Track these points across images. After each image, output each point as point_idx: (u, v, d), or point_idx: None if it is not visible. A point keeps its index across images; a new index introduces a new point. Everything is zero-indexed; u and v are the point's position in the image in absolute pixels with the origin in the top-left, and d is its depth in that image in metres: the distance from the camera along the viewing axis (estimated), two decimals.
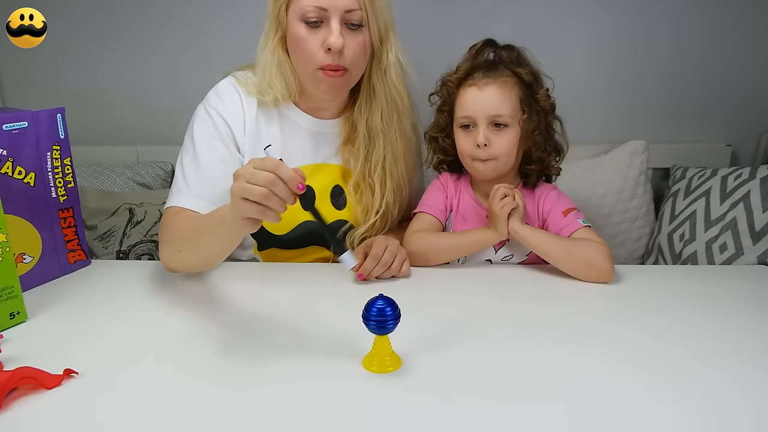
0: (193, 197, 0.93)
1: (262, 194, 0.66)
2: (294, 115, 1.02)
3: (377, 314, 0.65)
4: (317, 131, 1.03)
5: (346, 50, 0.91)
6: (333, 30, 0.89)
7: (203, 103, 1.00)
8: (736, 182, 1.29)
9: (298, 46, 0.92)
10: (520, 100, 0.98)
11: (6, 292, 0.78)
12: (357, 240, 1.02)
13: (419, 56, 1.06)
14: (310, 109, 1.02)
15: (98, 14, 1.51)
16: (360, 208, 1.03)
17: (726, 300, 0.88)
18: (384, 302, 0.65)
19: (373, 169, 1.02)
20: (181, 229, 0.89)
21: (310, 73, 0.94)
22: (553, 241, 0.96)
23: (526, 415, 0.60)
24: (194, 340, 0.75)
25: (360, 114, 1.01)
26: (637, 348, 0.73)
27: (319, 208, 0.77)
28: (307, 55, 0.92)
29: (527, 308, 0.86)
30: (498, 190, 0.97)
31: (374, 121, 1.01)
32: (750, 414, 0.60)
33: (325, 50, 0.91)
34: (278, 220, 0.68)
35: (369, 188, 1.03)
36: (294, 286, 0.94)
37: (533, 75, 1.00)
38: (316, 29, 0.91)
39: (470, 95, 0.98)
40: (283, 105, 1.00)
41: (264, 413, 0.61)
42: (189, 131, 0.99)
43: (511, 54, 1.00)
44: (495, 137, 0.98)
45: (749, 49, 1.48)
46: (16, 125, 0.88)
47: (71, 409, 0.61)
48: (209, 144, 0.97)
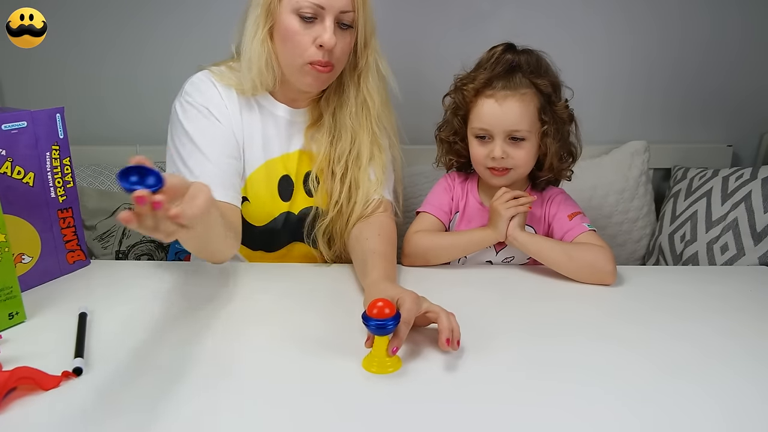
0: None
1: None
2: (271, 106, 1.03)
3: (377, 315, 0.64)
4: (291, 120, 1.04)
5: (336, 48, 0.93)
6: (327, 29, 0.91)
7: (181, 96, 0.99)
8: (738, 183, 1.29)
9: (289, 39, 0.93)
10: (538, 111, 0.96)
11: (5, 292, 0.77)
12: (320, 232, 1.01)
13: (420, 56, 1.06)
14: (287, 100, 1.04)
15: (98, 14, 1.51)
16: (323, 194, 1.03)
17: (729, 300, 0.88)
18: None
19: (337, 159, 1.02)
20: None
21: (298, 66, 0.94)
22: (553, 246, 0.96)
23: (527, 416, 0.60)
24: (193, 341, 0.75)
25: (327, 104, 1.03)
26: (641, 347, 0.73)
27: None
28: (298, 48, 0.93)
29: (528, 309, 0.86)
30: (507, 192, 0.97)
31: (341, 116, 1.02)
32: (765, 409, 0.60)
33: (317, 47, 0.92)
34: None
35: (332, 175, 1.02)
36: (294, 287, 0.94)
37: (552, 86, 0.97)
38: (309, 24, 0.92)
39: (488, 108, 0.96)
40: (260, 95, 1.01)
41: (264, 413, 0.60)
42: (175, 128, 0.98)
43: (530, 59, 0.97)
44: (512, 150, 0.96)
45: (751, 50, 1.48)
46: (15, 125, 0.87)
47: (70, 409, 0.61)
48: (206, 131, 0.97)
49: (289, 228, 1.05)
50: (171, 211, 0.59)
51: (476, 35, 1.04)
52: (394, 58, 1.06)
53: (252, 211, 1.01)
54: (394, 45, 1.06)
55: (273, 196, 1.02)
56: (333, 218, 1.02)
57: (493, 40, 1.02)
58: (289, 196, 1.03)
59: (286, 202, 1.03)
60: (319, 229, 1.02)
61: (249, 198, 1.01)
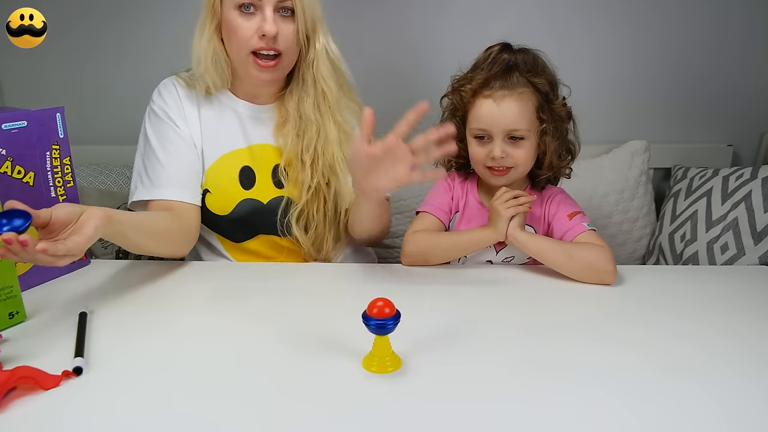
0: (154, 189, 1.01)
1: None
2: (231, 102, 1.07)
3: (377, 314, 0.64)
4: (253, 116, 1.08)
5: (279, 36, 0.97)
6: (267, 18, 0.95)
7: (149, 104, 1.07)
8: (738, 182, 1.29)
9: (232, 32, 0.97)
10: (536, 109, 0.96)
11: (5, 292, 0.77)
12: (294, 218, 1.05)
13: (420, 56, 1.06)
14: (248, 96, 1.07)
15: (98, 14, 1.51)
16: (294, 185, 1.06)
17: (729, 300, 0.88)
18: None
19: (305, 148, 1.05)
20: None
21: (243, 58, 0.99)
22: (553, 246, 0.96)
23: (527, 415, 0.60)
24: (193, 340, 0.75)
25: (290, 98, 1.06)
26: (641, 347, 0.73)
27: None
28: (242, 40, 0.97)
29: (529, 308, 0.86)
30: (507, 192, 0.97)
31: (305, 108, 1.05)
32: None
33: (259, 36, 0.96)
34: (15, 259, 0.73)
35: (301, 164, 1.05)
36: (294, 287, 0.94)
37: (550, 84, 0.97)
38: (250, 16, 0.96)
39: (486, 108, 0.96)
40: (221, 93, 1.06)
41: (264, 413, 0.60)
42: (141, 132, 1.06)
43: (526, 58, 0.97)
44: (511, 149, 0.96)
45: (751, 50, 1.48)
46: (15, 124, 0.87)
47: (69, 409, 0.61)
48: (162, 135, 1.03)
49: (257, 218, 1.06)
50: (38, 246, 0.69)
51: (476, 36, 1.04)
52: (392, 59, 1.06)
53: (214, 200, 1.05)
54: (392, 46, 1.06)
55: (234, 184, 1.05)
56: (308, 201, 1.04)
57: (493, 41, 1.02)
58: (250, 185, 1.06)
59: (248, 190, 1.06)
60: (293, 215, 1.05)
61: (210, 189, 1.05)
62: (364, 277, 1.00)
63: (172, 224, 0.99)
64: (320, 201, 1.05)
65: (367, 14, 1.42)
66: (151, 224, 0.96)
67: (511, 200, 0.95)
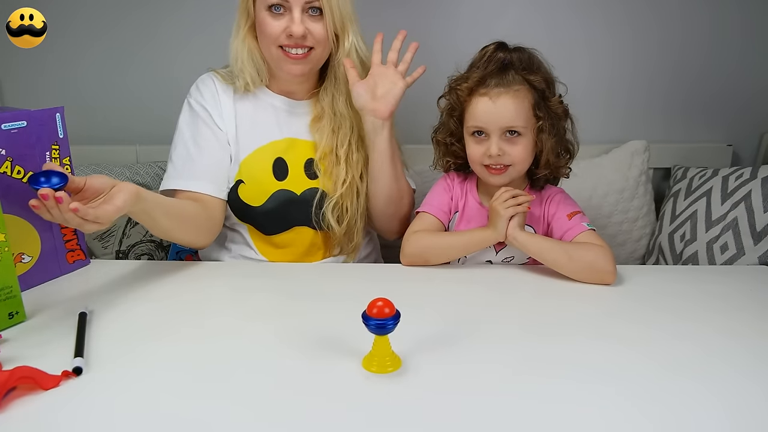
0: (182, 179, 1.05)
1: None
2: (267, 96, 1.11)
3: (377, 314, 0.64)
4: (289, 110, 1.11)
5: (308, 35, 1.00)
6: (295, 19, 0.99)
7: (187, 97, 1.11)
8: (737, 182, 1.29)
9: (263, 31, 1.02)
10: (532, 107, 0.96)
11: (5, 292, 0.77)
12: (329, 210, 1.08)
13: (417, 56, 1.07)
14: (283, 92, 1.11)
15: (98, 14, 1.51)
16: (329, 178, 1.09)
17: (729, 300, 0.88)
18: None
19: (340, 144, 1.09)
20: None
21: (275, 55, 1.03)
22: (553, 246, 0.96)
23: (527, 415, 0.60)
24: (193, 341, 0.75)
25: (325, 95, 1.11)
26: (641, 347, 0.73)
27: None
28: (271, 38, 1.01)
29: (529, 308, 0.86)
30: (506, 191, 0.97)
31: (339, 105, 1.09)
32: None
33: (286, 35, 1.00)
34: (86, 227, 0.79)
35: (336, 160, 1.09)
36: (294, 286, 0.94)
37: (546, 82, 0.98)
38: (279, 16, 1.00)
39: (483, 105, 0.96)
40: (258, 89, 1.10)
41: (264, 413, 0.60)
42: (177, 123, 1.09)
43: (522, 56, 0.98)
44: (508, 146, 0.96)
45: (751, 50, 1.48)
46: (15, 125, 0.87)
47: (69, 409, 0.61)
48: (195, 130, 1.07)
49: (291, 208, 1.08)
50: (71, 205, 0.74)
51: (476, 36, 1.04)
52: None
53: (247, 191, 1.07)
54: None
55: (267, 175, 1.08)
56: (343, 194, 1.08)
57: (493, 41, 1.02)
58: (283, 176, 1.08)
59: (281, 181, 1.08)
60: (328, 206, 1.08)
61: (244, 180, 1.07)
62: (364, 277, 1.00)
63: (199, 213, 1.02)
64: (354, 194, 1.09)
65: (385, 15, 1.41)
66: (178, 209, 0.99)
67: (511, 200, 0.96)
